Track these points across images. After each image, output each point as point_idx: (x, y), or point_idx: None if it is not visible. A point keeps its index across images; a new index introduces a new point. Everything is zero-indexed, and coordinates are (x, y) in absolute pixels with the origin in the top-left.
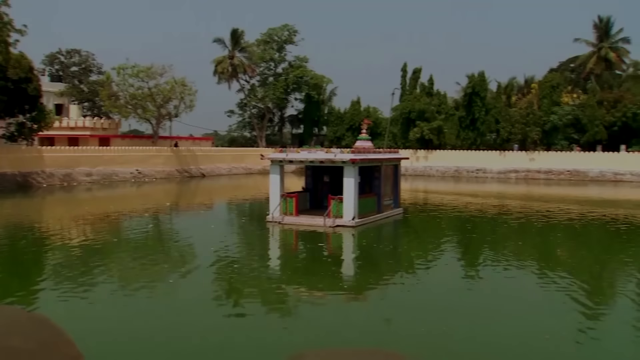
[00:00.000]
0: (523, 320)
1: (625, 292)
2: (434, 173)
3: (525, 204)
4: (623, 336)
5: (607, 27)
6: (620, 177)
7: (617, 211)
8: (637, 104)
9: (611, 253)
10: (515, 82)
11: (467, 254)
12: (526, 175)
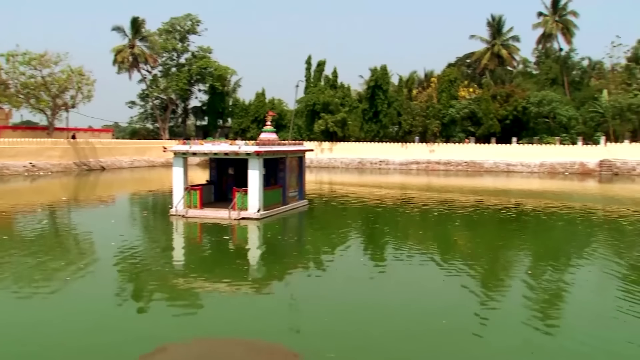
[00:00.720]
0: (422, 307)
1: (518, 276)
2: (338, 165)
3: (426, 194)
4: (516, 318)
5: (499, 26)
6: (512, 167)
7: (509, 200)
8: (526, 99)
9: (505, 239)
10: (416, 76)
11: (370, 244)
12: (427, 167)
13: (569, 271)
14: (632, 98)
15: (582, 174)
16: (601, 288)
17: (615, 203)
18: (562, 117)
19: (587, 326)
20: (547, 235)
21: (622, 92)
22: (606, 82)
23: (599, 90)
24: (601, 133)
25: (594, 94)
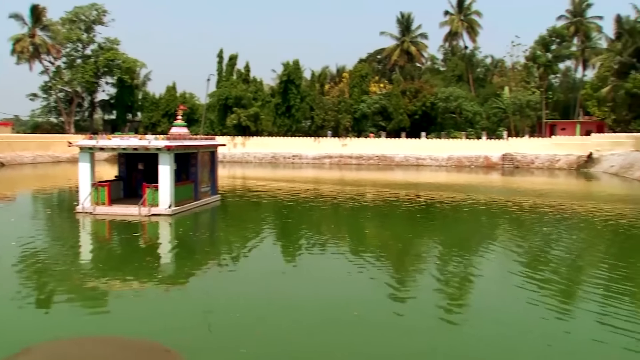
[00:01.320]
0: (334, 300)
1: (427, 266)
2: (251, 159)
3: (339, 188)
4: (426, 308)
5: (408, 23)
6: (421, 161)
7: (419, 192)
8: (434, 95)
9: (414, 231)
10: (328, 71)
11: (283, 238)
12: (339, 161)
13: (475, 260)
14: (531, 95)
15: (487, 167)
16: (504, 276)
17: (518, 194)
18: (468, 112)
19: (493, 313)
20: (455, 226)
21: (522, 90)
22: (507, 80)
23: (501, 87)
24: (503, 128)
25: (497, 90)
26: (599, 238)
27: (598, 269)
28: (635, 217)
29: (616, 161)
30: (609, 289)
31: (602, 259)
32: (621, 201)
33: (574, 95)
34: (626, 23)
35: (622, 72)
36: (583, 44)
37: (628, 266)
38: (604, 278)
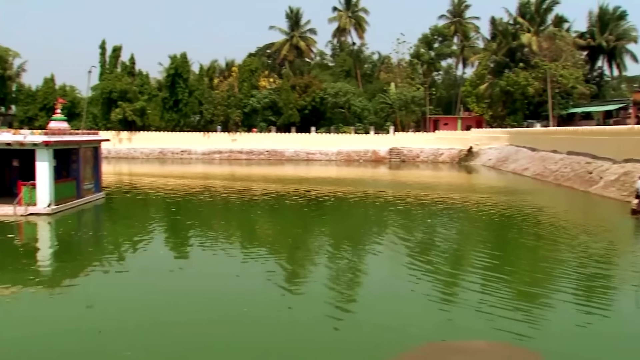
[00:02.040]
0: (223, 296)
1: (318, 260)
2: (138, 155)
3: (229, 183)
4: (317, 301)
5: (297, 18)
6: (311, 156)
7: (309, 187)
8: (323, 90)
9: (305, 225)
10: (217, 65)
11: (172, 236)
12: (229, 156)
13: (364, 253)
14: (415, 91)
15: (375, 161)
16: (392, 268)
17: (405, 187)
18: (356, 107)
19: (380, 306)
20: (345, 220)
21: (407, 86)
22: (393, 76)
23: (387, 83)
24: (390, 123)
25: (383, 86)
26: (479, 227)
27: (478, 258)
28: (510, 207)
29: (493, 155)
30: (487, 277)
31: (481, 248)
32: (498, 192)
33: (455, 91)
34: (499, 25)
35: (498, 70)
36: (462, 43)
37: (504, 254)
38: (484, 266)
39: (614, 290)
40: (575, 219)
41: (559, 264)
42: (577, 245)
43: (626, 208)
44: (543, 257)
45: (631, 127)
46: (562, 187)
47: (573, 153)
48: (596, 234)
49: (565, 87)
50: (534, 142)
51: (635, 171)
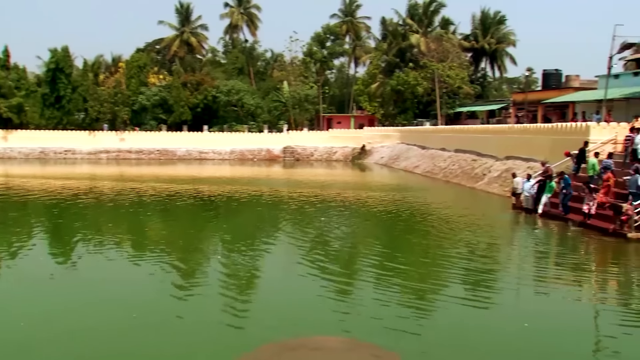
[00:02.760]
0: (111, 303)
1: (210, 263)
2: (15, 155)
3: (117, 184)
4: (210, 305)
5: (188, 13)
6: (204, 155)
7: (203, 187)
8: (215, 88)
9: (198, 227)
10: (103, 60)
11: (54, 241)
12: (117, 156)
13: (259, 253)
14: (309, 90)
15: (269, 160)
16: (287, 268)
17: (300, 186)
18: (250, 105)
19: (276, 308)
20: (239, 220)
21: (300, 84)
22: (287, 74)
23: (280, 81)
24: (284, 121)
25: (277, 84)
26: (371, 224)
27: (367, 255)
28: (401, 204)
29: (385, 153)
30: (373, 274)
31: (372, 245)
32: (390, 190)
33: (348, 90)
34: (390, 25)
35: (388, 70)
36: (354, 42)
37: (392, 251)
38: (372, 264)
39: (493, 285)
40: (462, 214)
41: (444, 259)
42: (460, 240)
43: (508, 203)
44: (429, 252)
45: (511, 126)
46: (450, 183)
47: (460, 151)
48: (481, 228)
49: (452, 87)
50: (424, 141)
51: (516, 167)
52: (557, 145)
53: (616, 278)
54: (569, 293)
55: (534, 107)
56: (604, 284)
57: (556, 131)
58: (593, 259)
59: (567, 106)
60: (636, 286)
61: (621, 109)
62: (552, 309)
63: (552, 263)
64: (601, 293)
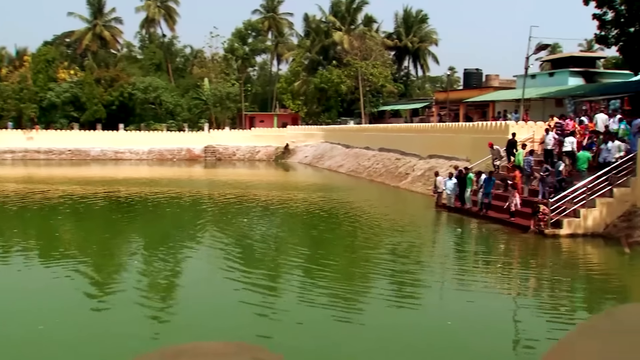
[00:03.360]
0: (17, 314)
1: (126, 269)
2: None
3: (25, 187)
4: (120, 314)
5: (100, 5)
6: (120, 155)
7: (119, 188)
8: (132, 84)
9: (114, 230)
10: (6, 52)
11: None
12: (24, 156)
13: (180, 258)
14: (230, 87)
15: (190, 160)
16: (210, 272)
17: (222, 187)
18: (168, 103)
19: (200, 315)
20: (158, 223)
21: (222, 81)
22: (207, 71)
23: (201, 78)
24: (205, 120)
25: (197, 81)
26: (294, 225)
27: (290, 257)
28: (325, 204)
29: (309, 152)
30: (303, 278)
31: (294, 246)
32: (314, 189)
33: (270, 88)
34: (313, 22)
35: (312, 67)
36: (276, 39)
37: (315, 253)
38: (293, 265)
39: (416, 284)
40: (386, 214)
41: (367, 260)
42: (384, 240)
43: (431, 202)
44: (353, 253)
45: (434, 124)
46: (374, 182)
47: (384, 149)
48: (404, 228)
49: (376, 85)
50: (348, 139)
51: (438, 166)
52: (478, 143)
53: (534, 274)
54: (489, 290)
55: (456, 106)
56: (523, 280)
57: (477, 130)
58: (513, 256)
59: (488, 105)
60: (554, 281)
61: (538, 109)
62: (474, 307)
63: (473, 261)
64: (520, 289)
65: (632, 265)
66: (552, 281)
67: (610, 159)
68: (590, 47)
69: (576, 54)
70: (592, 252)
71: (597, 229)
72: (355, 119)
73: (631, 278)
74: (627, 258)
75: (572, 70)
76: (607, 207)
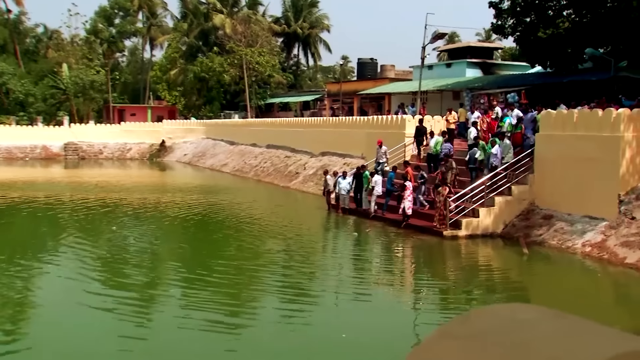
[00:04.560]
0: None
1: None
2: None
3: None
4: None
5: None
6: None
7: None
8: None
9: None
10: None
11: None
12: None
13: (36, 272)
14: (95, 75)
15: (46, 159)
16: (67, 290)
17: (85, 190)
18: (18, 92)
19: (62, 332)
20: (8, 233)
21: (84, 68)
22: (66, 55)
23: (58, 64)
24: (64, 113)
25: (54, 67)
26: (173, 232)
27: (174, 268)
28: (208, 207)
29: (189, 149)
30: (184, 291)
31: (173, 255)
32: (195, 191)
33: (143, 77)
34: (190, 3)
35: (190, 54)
36: (149, 21)
37: (204, 262)
38: (180, 279)
39: (309, 295)
40: (275, 218)
41: (255, 270)
42: (274, 248)
43: (324, 203)
44: (240, 263)
45: (326, 119)
46: (262, 182)
47: (273, 146)
48: (296, 233)
49: (263, 75)
50: (233, 135)
51: (332, 164)
52: (373, 139)
53: (432, 280)
54: (386, 299)
55: (350, 98)
56: (420, 287)
57: (373, 125)
58: (410, 261)
59: (384, 98)
60: (451, 289)
61: (436, 101)
62: (370, 317)
63: (369, 269)
64: (416, 296)
65: (530, 267)
66: (449, 288)
67: (497, 164)
68: (488, 37)
69: (473, 44)
70: (491, 254)
71: (496, 228)
72: (240, 112)
73: (529, 280)
74: (525, 259)
75: (470, 61)
76: (506, 206)
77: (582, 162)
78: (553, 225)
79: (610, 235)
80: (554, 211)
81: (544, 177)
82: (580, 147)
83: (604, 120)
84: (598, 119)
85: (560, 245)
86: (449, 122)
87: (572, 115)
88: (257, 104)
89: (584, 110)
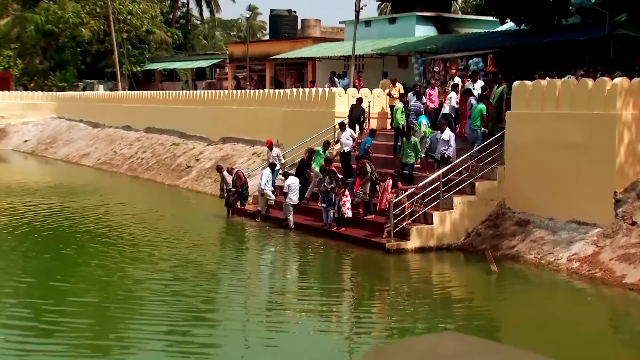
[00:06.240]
0: None
1: None
2: None
3: None
4: None
5: None
6: None
7: None
8: None
9: None
10: None
11: None
12: None
13: None
14: None
15: None
16: None
17: None
18: None
19: None
20: None
21: None
22: None
23: None
24: None
25: None
26: (16, 249)
27: (19, 297)
28: (64, 216)
29: (33, 133)
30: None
31: (22, 282)
32: (44, 194)
33: None
34: None
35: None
36: None
37: (62, 289)
38: (25, 324)
39: (213, 325)
40: (160, 228)
41: (135, 298)
42: (157, 273)
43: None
44: (111, 289)
45: (228, 92)
46: (140, 179)
47: (155, 130)
48: (190, 249)
49: (138, 30)
50: (97, 114)
51: (236, 154)
52: (293, 120)
53: (362, 308)
54: (310, 332)
55: (261, 64)
56: (351, 318)
57: (292, 102)
58: (344, 284)
59: (306, 64)
60: (388, 319)
61: (376, 68)
62: (288, 347)
63: (290, 293)
64: (348, 330)
65: (500, 289)
66: (382, 322)
67: (450, 154)
68: None
69: None
70: (448, 272)
71: (456, 239)
72: (107, 82)
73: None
74: (494, 279)
75: (421, 14)
76: (468, 208)
77: (566, 150)
78: (530, 234)
79: (604, 246)
80: (530, 215)
81: (516, 170)
82: (565, 129)
83: (596, 94)
84: (587, 93)
85: (540, 260)
86: (392, 97)
87: (554, 87)
88: (131, 71)
89: (570, 80)
